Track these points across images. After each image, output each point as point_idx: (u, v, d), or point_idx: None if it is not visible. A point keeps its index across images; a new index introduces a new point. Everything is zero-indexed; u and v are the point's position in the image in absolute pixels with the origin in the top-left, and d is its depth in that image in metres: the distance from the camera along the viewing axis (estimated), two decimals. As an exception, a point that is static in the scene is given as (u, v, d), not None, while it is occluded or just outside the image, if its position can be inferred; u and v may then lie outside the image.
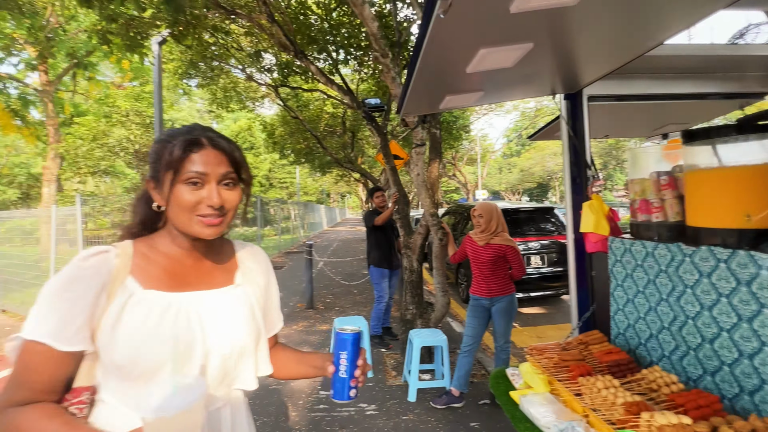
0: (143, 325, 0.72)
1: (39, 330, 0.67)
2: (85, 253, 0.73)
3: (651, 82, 2.07)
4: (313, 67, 4.02)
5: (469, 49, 1.02)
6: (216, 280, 0.85)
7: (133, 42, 4.06)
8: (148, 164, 0.82)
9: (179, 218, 0.76)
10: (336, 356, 0.83)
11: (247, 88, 9.24)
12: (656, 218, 1.56)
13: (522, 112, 26.92)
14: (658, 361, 1.48)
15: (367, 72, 7.09)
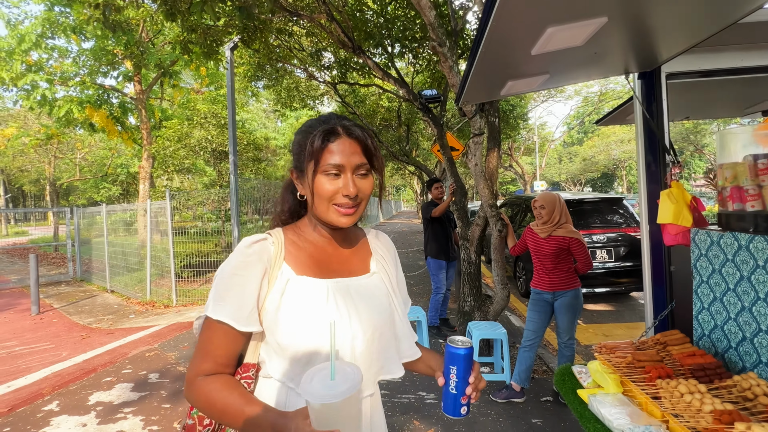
0: (300, 310, 0.76)
1: (221, 311, 0.73)
2: (248, 241, 0.78)
3: (744, 53, 1.79)
4: (370, 61, 4.03)
5: (536, 28, 0.94)
6: (354, 267, 0.87)
7: (209, 49, 4.36)
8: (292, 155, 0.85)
9: (319, 207, 0.79)
10: (446, 370, 0.78)
11: (307, 87, 9.55)
12: (752, 207, 1.35)
13: (585, 97, 24.88)
14: (752, 367, 1.29)
15: (422, 64, 6.98)
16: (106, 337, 4.81)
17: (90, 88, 10.21)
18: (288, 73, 7.84)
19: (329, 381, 0.62)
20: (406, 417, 2.70)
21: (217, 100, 9.97)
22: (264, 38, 4.89)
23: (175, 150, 9.21)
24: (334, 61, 6.93)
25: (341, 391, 0.59)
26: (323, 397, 0.58)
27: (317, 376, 0.63)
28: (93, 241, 8.86)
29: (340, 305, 0.78)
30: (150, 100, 12.02)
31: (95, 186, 20.37)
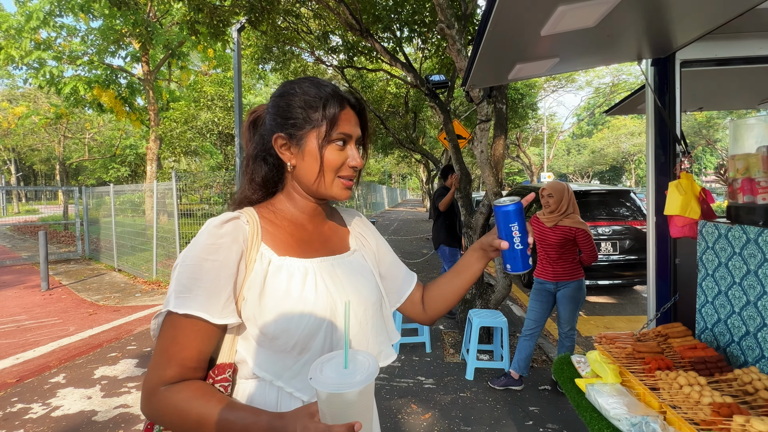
0: (289, 294, 0.67)
1: (190, 304, 0.62)
2: (218, 220, 0.68)
3: (763, 41, 1.72)
4: (378, 45, 3.95)
5: (547, 6, 0.90)
6: (335, 246, 0.80)
7: (216, 30, 4.30)
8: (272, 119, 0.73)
9: (325, 179, 0.71)
10: (506, 230, 0.79)
11: (315, 71, 9.45)
12: (763, 200, 1.31)
13: (596, 88, 24.35)
14: (755, 362, 1.27)
15: (431, 50, 6.85)
16: (113, 314, 4.89)
17: (98, 67, 10.18)
18: (295, 56, 7.75)
19: (343, 370, 0.56)
20: (405, 401, 2.73)
21: (225, 83, 9.92)
22: (271, 19, 4.80)
23: (182, 132, 9.21)
24: (341, 44, 6.82)
25: (359, 380, 0.53)
26: (340, 386, 0.52)
27: (328, 365, 0.57)
28: (101, 220, 8.97)
29: (328, 286, 0.72)
30: (158, 81, 11.97)
31: (104, 166, 20.52)
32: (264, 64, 7.68)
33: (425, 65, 8.22)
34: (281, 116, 0.72)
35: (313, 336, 0.67)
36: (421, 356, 3.43)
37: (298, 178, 0.74)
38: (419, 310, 0.92)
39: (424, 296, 0.92)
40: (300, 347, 0.67)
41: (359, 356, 0.59)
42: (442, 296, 0.90)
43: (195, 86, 11.06)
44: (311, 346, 0.67)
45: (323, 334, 0.68)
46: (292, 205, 0.77)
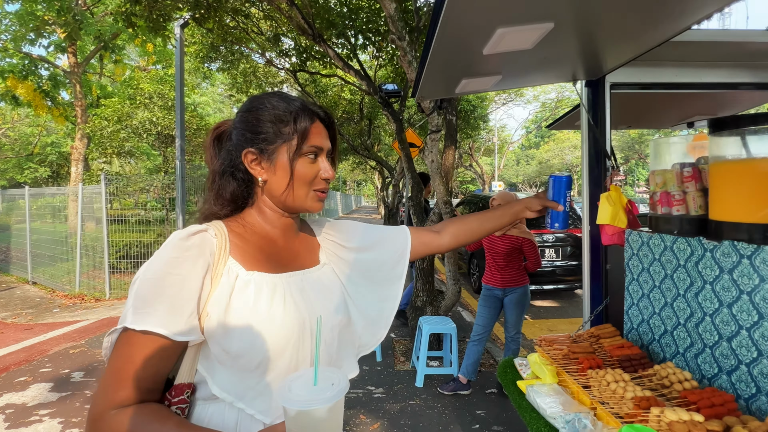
0: (256, 310, 0.66)
1: (149, 319, 0.59)
2: (185, 233, 0.66)
3: (679, 69, 1.96)
4: (331, 51, 3.98)
5: (487, 28, 0.98)
6: (304, 260, 0.80)
7: (156, 24, 4.09)
8: (241, 135, 0.73)
9: (297, 192, 0.73)
10: (562, 196, 1.07)
11: (266, 73, 9.25)
12: (677, 211, 1.49)
13: (543, 102, 26.18)
14: (671, 357, 1.43)
15: (386, 58, 6.99)
16: (23, 333, 4.40)
17: (13, 56, 9.20)
18: (245, 56, 7.54)
19: (312, 387, 0.55)
20: (353, 412, 2.72)
21: (165, 80, 9.39)
22: (218, 17, 4.65)
23: (114, 131, 8.55)
24: (294, 47, 6.76)
25: (329, 396, 0.53)
26: (310, 402, 0.52)
27: (296, 383, 0.56)
28: (13, 227, 8.05)
29: (297, 301, 0.71)
30: (87, 75, 11.06)
31: (18, 166, 18.47)
32: (210, 62, 7.39)
33: (380, 73, 8.37)
34: (250, 131, 0.72)
35: (279, 354, 0.66)
36: (372, 365, 3.45)
37: (270, 192, 0.74)
38: (436, 243, 0.98)
39: (448, 230, 1.00)
40: (265, 366, 0.66)
41: (328, 373, 0.59)
42: (470, 231, 1.01)
43: (131, 82, 10.35)
44: (277, 364, 0.67)
45: (290, 352, 0.68)
46: (262, 219, 0.77)
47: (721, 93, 2.13)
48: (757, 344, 1.13)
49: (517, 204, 1.05)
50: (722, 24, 27.70)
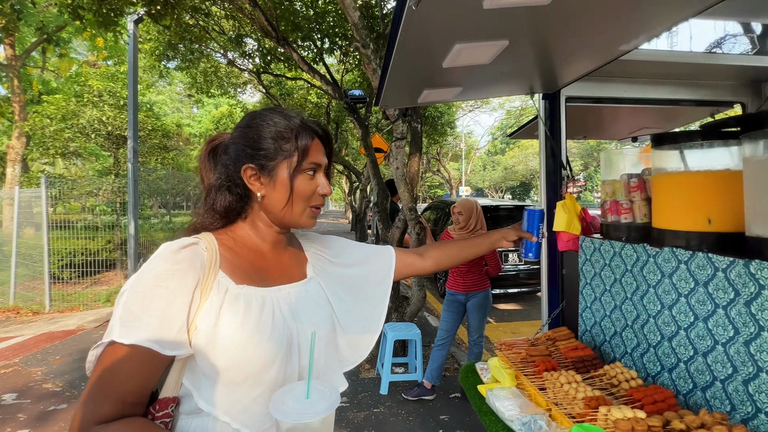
0: (245, 324, 0.67)
1: (138, 333, 0.60)
2: (175, 246, 0.67)
3: (627, 85, 2.12)
4: (295, 54, 3.95)
5: (445, 43, 1.02)
6: (293, 273, 0.82)
7: (106, 19, 3.89)
8: (237, 150, 0.75)
9: (295, 208, 0.75)
10: (535, 228, 1.16)
11: (228, 74, 9.03)
12: (625, 219, 1.61)
13: (507, 110, 27.19)
14: (620, 357, 1.53)
15: (352, 62, 7.03)
16: (-54, 355, 4.01)
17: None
18: (205, 55, 7.33)
19: (305, 400, 0.57)
20: (320, 424, 2.69)
21: (117, 77, 8.93)
22: (176, 15, 4.50)
23: (58, 130, 8.02)
24: (257, 49, 6.64)
25: (322, 409, 0.55)
26: (303, 415, 0.53)
27: (289, 396, 0.58)
28: (-64, 235, 7.33)
29: (286, 315, 0.73)
30: (27, 69, 10.31)
31: (-56, 167, 16.85)
32: (167, 61, 7.12)
33: (347, 77, 8.39)
34: (251, 147, 0.74)
35: (267, 368, 0.68)
36: (338, 375, 3.42)
37: (268, 208, 0.76)
38: (419, 265, 1.05)
39: (431, 254, 1.08)
40: (253, 380, 0.67)
41: (320, 386, 0.61)
42: (451, 257, 1.09)
43: (77, 79, 9.76)
44: (264, 378, 0.68)
45: (278, 366, 0.69)
46: (254, 233, 0.78)
47: (666, 108, 2.32)
48: (693, 343, 1.24)
49: (494, 234, 1.16)
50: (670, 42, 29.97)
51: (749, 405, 1.06)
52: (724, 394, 1.13)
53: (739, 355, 1.09)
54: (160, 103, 19.87)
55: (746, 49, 2.32)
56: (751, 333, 1.06)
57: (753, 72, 2.08)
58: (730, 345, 1.12)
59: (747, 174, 1.15)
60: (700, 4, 1.09)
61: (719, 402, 1.15)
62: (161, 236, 8.37)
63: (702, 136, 1.30)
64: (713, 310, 1.17)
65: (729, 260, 1.12)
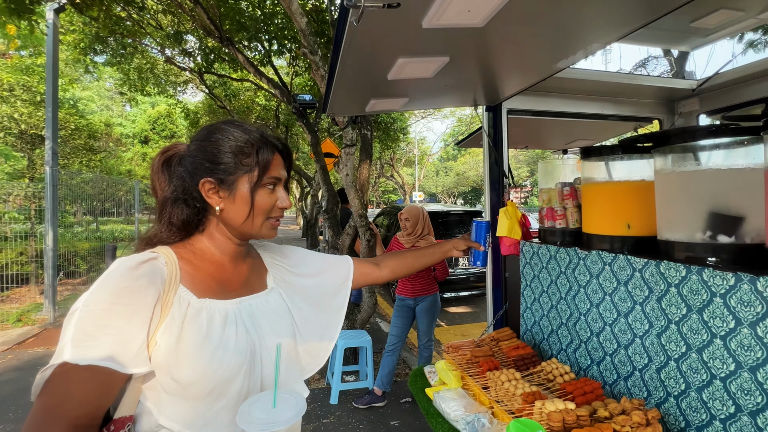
0: (209, 337, 0.68)
1: (95, 352, 0.59)
2: (133, 261, 0.67)
3: (563, 100, 2.33)
4: (241, 56, 3.87)
5: (388, 57, 1.08)
6: (253, 285, 0.84)
7: (19, 5, 3.56)
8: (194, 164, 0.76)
9: (255, 221, 0.77)
10: (482, 238, 1.30)
11: (167, 71, 8.58)
12: (559, 225, 1.76)
13: (459, 118, 28.27)
14: (557, 354, 1.67)
15: (302, 66, 6.99)
16: None
17: None
18: (140, 51, 6.92)
19: (272, 409, 0.59)
20: None
21: (33, 70, 8.14)
22: (105, 6, 4.23)
23: (-41, 127, 7.16)
24: (199, 48, 6.38)
25: (290, 417, 0.57)
26: (271, 423, 0.55)
27: (255, 406, 0.60)
28: None
29: (248, 327, 0.75)
30: None
31: None
32: (95, 54, 6.63)
33: (297, 80, 8.30)
34: (209, 161, 0.75)
35: (231, 380, 0.69)
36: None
37: (226, 220, 0.78)
38: (375, 275, 1.11)
39: (387, 263, 1.14)
40: (217, 393, 0.68)
41: (286, 395, 0.64)
42: (406, 266, 1.17)
43: (-16, 69, 8.79)
44: (228, 390, 0.69)
45: (242, 378, 0.71)
46: (213, 246, 0.79)
47: (596, 122, 2.57)
48: (616, 337, 1.39)
49: (446, 244, 1.27)
50: (604, 59, 32.76)
51: (661, 390, 1.21)
52: (642, 382, 1.28)
53: (653, 346, 1.24)
54: (86, 99, 18.34)
55: (666, 69, 2.64)
56: (662, 326, 1.21)
57: (668, 92, 2.37)
58: (646, 337, 1.27)
59: (657, 184, 1.32)
60: (618, 32, 1.24)
61: (638, 389, 1.30)
62: (86, 246, 7.72)
63: (622, 150, 1.46)
64: (632, 307, 1.32)
65: (644, 261, 1.28)
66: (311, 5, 4.70)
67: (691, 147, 1.21)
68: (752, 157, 1.09)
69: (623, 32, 1.24)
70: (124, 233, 11.82)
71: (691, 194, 1.18)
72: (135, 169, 21.84)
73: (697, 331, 1.10)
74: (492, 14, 0.90)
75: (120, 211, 14.96)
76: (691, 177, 1.22)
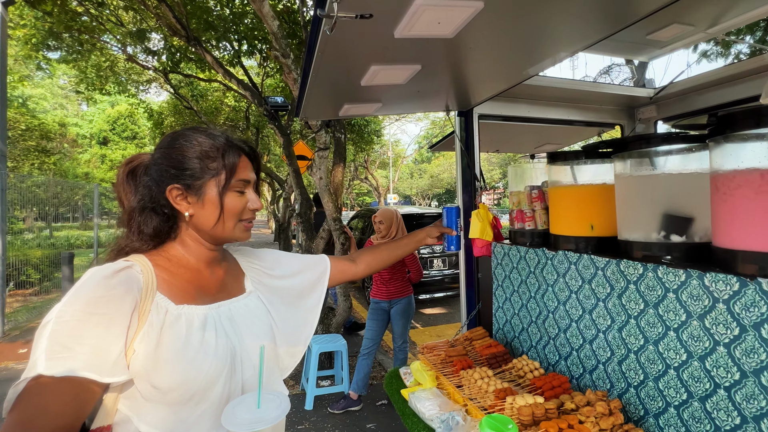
0: (189, 343, 0.70)
1: (71, 363, 0.58)
2: (108, 270, 0.67)
3: (531, 106, 2.44)
4: (209, 56, 3.80)
5: (361, 64, 1.12)
6: (231, 289, 0.86)
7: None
8: None
9: (226, 225, 0.78)
10: (453, 222, 1.36)
11: (128, 69, 8.28)
12: (528, 226, 1.85)
13: (432, 120, 28.67)
14: (527, 351, 1.75)
15: (273, 67, 6.91)
16: None
17: None
18: (98, 48, 6.65)
19: (256, 410, 0.61)
20: None
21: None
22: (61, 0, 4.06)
23: None
24: (164, 46, 6.19)
25: (275, 416, 0.59)
26: (257, 423, 0.57)
27: (239, 407, 0.61)
28: None
29: (228, 331, 0.77)
30: None
31: None
32: (48, 50, 6.33)
33: (268, 82, 8.19)
34: (175, 167, 0.76)
35: (212, 384, 0.71)
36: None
37: (197, 226, 0.79)
38: (352, 271, 1.15)
39: (363, 259, 1.18)
40: (198, 397, 0.70)
41: (269, 395, 0.66)
42: (381, 259, 1.21)
43: None
44: (210, 394, 0.71)
45: (223, 382, 0.73)
46: (187, 252, 0.81)
47: (562, 127, 2.70)
48: (582, 333, 1.48)
49: (419, 233, 1.32)
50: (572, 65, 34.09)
51: (623, 381, 1.30)
52: (605, 374, 1.37)
53: (615, 340, 1.33)
54: (37, 98, 17.39)
55: (628, 77, 2.80)
56: (623, 321, 1.30)
57: (628, 99, 2.53)
58: (608, 332, 1.36)
59: (617, 187, 1.42)
60: (581, 43, 1.33)
61: (602, 382, 1.38)
62: (38, 254, 7.33)
63: (585, 156, 1.56)
64: (596, 304, 1.41)
65: (606, 260, 1.37)
66: (282, 6, 4.67)
67: (646, 153, 1.31)
68: (700, 163, 1.20)
69: (586, 43, 1.33)
70: (81, 240, 11.26)
71: (647, 197, 1.28)
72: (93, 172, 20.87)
73: (653, 324, 1.19)
74: (461, 26, 0.96)
75: (76, 216, 14.24)
76: (646, 181, 1.32)
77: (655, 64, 2.50)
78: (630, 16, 1.15)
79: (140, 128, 23.42)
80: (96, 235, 8.94)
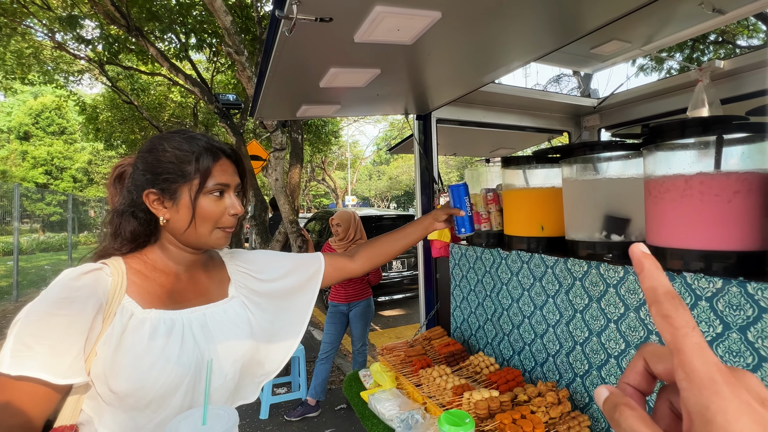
0: (150, 348, 0.70)
1: (28, 363, 0.60)
2: (76, 271, 0.68)
3: (487, 112, 2.57)
4: (153, 48, 3.63)
5: (321, 66, 1.15)
6: (212, 294, 0.85)
7: None
8: None
9: (200, 230, 0.78)
10: (462, 202, 1.24)
11: (56, 58, 7.67)
12: (484, 227, 1.95)
13: (391, 122, 28.98)
14: (483, 347, 1.85)
15: (225, 63, 6.69)
16: None
17: None
18: (20, 33, 6.13)
19: (200, 426, 0.59)
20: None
21: None
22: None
23: None
24: (99, 35, 5.80)
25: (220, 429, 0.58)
26: None
27: (184, 423, 0.60)
28: None
29: (198, 337, 0.76)
30: None
31: None
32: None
33: (219, 77, 7.92)
34: (151, 172, 0.76)
35: (172, 392, 0.71)
36: (212, 408, 3.23)
37: (173, 230, 0.80)
38: (350, 268, 1.12)
39: (361, 254, 1.14)
40: (157, 405, 0.70)
41: (218, 410, 0.64)
42: (383, 252, 1.15)
43: None
44: (169, 402, 0.71)
45: (184, 390, 0.72)
46: (165, 256, 0.81)
47: (515, 132, 2.87)
48: (533, 328, 1.59)
49: (425, 219, 1.25)
50: (525, 73, 35.77)
51: (570, 372, 1.42)
52: (555, 366, 1.48)
53: (563, 333, 1.45)
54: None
55: (575, 87, 3.02)
56: (570, 315, 1.42)
57: (575, 108, 2.73)
58: (557, 326, 1.47)
59: (564, 190, 1.54)
60: (532, 55, 1.44)
61: (552, 373, 1.50)
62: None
63: (536, 160, 1.68)
64: (546, 300, 1.53)
65: (554, 259, 1.48)
66: (235, 0, 4.56)
67: (589, 159, 1.43)
68: (636, 169, 1.33)
69: (536, 55, 1.45)
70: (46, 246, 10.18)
71: (591, 199, 1.41)
72: (12, 170, 19.09)
73: (596, 317, 1.31)
74: (420, 34, 1.01)
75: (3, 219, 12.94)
76: (590, 184, 1.45)
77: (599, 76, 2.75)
78: (576, 31, 1.26)
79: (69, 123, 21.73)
80: (16, 240, 8.16)
